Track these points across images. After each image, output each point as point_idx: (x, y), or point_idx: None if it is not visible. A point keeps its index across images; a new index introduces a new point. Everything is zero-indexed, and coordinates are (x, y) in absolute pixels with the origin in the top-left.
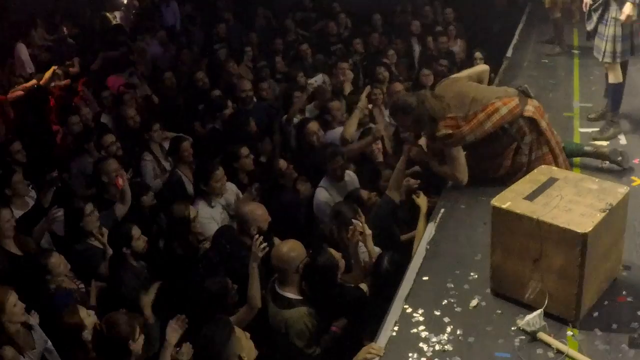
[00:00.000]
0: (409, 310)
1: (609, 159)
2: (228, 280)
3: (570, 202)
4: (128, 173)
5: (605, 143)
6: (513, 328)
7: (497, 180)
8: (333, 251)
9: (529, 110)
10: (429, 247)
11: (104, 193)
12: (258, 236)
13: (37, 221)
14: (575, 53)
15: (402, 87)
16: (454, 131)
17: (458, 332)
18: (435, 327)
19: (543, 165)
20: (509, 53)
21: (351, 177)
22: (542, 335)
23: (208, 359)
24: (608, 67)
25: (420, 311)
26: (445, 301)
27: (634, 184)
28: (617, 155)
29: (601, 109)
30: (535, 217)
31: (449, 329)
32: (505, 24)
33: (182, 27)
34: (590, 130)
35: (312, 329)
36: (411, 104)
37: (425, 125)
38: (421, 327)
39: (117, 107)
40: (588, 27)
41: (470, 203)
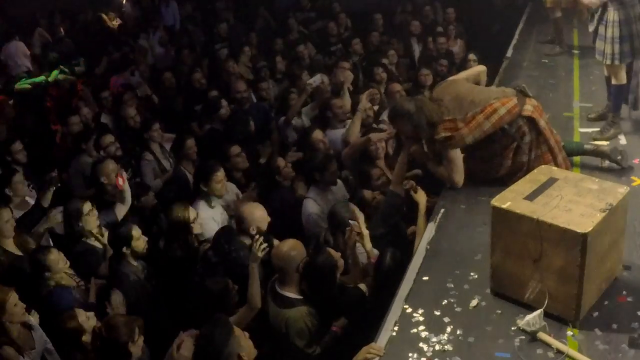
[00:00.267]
0: (409, 310)
1: (608, 157)
2: (228, 281)
3: (570, 202)
4: (128, 173)
5: (605, 143)
6: (513, 328)
7: (497, 180)
8: (332, 251)
9: (528, 109)
10: (429, 246)
11: (103, 194)
12: (258, 236)
13: (37, 221)
14: (575, 53)
15: (400, 87)
16: (453, 133)
17: (458, 332)
18: (435, 327)
19: (543, 165)
20: (509, 53)
21: (339, 185)
22: (542, 335)
23: (208, 358)
24: (611, 68)
25: (420, 311)
26: (445, 301)
27: (634, 184)
28: (617, 153)
29: (601, 109)
30: (535, 217)
31: (449, 329)
32: (505, 24)
33: (182, 27)
34: (590, 130)
35: (312, 328)
36: (409, 109)
37: (424, 130)
38: (421, 327)
39: (117, 107)
40: (590, 28)
41: (470, 203)
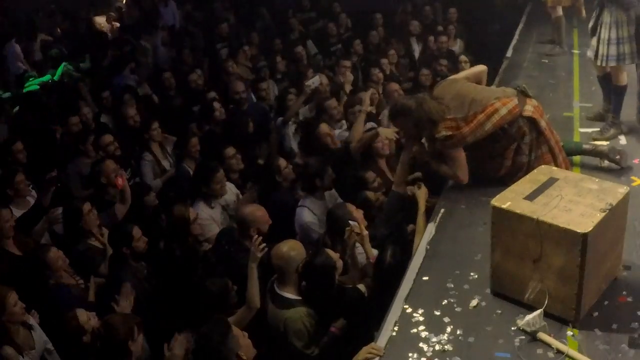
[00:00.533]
0: (409, 310)
1: (607, 157)
2: (228, 281)
3: (570, 202)
4: (127, 173)
5: (605, 143)
6: (513, 328)
7: (497, 180)
8: (330, 252)
9: (528, 110)
10: (429, 246)
11: (103, 194)
12: (257, 237)
13: (37, 221)
14: (575, 53)
15: (397, 87)
16: (454, 132)
17: (458, 332)
18: (435, 327)
19: (543, 165)
20: (509, 53)
21: (331, 193)
22: (542, 335)
23: (206, 358)
24: (612, 69)
25: (420, 311)
26: (445, 301)
27: (634, 184)
28: (615, 153)
29: (598, 110)
30: (535, 217)
31: (449, 329)
32: (505, 24)
33: (182, 27)
34: (590, 130)
35: (311, 329)
36: (410, 106)
37: (425, 127)
38: (421, 327)
39: (117, 107)
40: (590, 24)
41: (470, 203)
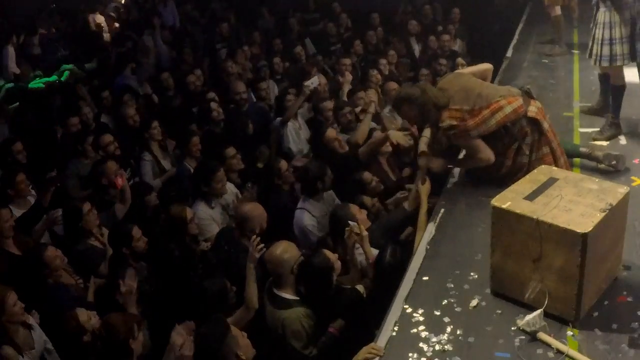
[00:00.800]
0: (409, 310)
1: (602, 163)
2: (226, 281)
3: (570, 202)
4: (127, 173)
5: (605, 143)
6: (513, 328)
7: (497, 180)
8: (328, 252)
9: (532, 110)
10: (429, 247)
11: (104, 195)
12: (255, 237)
13: (37, 221)
14: (575, 53)
15: (396, 86)
16: (458, 123)
17: (458, 332)
18: (435, 327)
19: (543, 165)
20: (509, 53)
21: (329, 194)
22: (542, 335)
23: (205, 358)
24: (610, 69)
25: (420, 311)
26: (445, 301)
27: (634, 184)
28: (610, 159)
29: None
30: (535, 217)
31: (449, 329)
32: (505, 24)
33: (182, 27)
34: (590, 130)
35: (309, 329)
36: (414, 93)
37: (430, 114)
38: (421, 327)
39: (117, 107)
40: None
41: (470, 203)
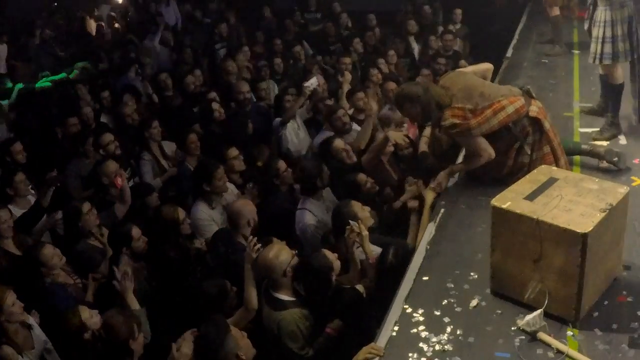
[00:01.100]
0: (409, 310)
1: (604, 159)
2: (225, 282)
3: (570, 202)
4: (127, 172)
5: (605, 143)
6: (513, 328)
7: (497, 180)
8: (328, 252)
9: (534, 110)
10: (429, 246)
11: (105, 195)
12: (252, 237)
13: (37, 221)
14: (575, 53)
15: (395, 86)
16: (461, 122)
17: (458, 332)
18: (435, 327)
19: (543, 165)
20: (509, 53)
21: (327, 191)
22: (542, 335)
23: (205, 358)
24: (607, 68)
25: (420, 311)
26: (445, 301)
27: (634, 184)
28: (612, 155)
29: (593, 105)
30: (535, 217)
31: (449, 329)
32: (505, 24)
33: (182, 27)
34: (590, 130)
35: (305, 330)
36: (417, 91)
37: (432, 113)
38: (421, 327)
39: (116, 107)
40: (585, 26)
41: (470, 203)
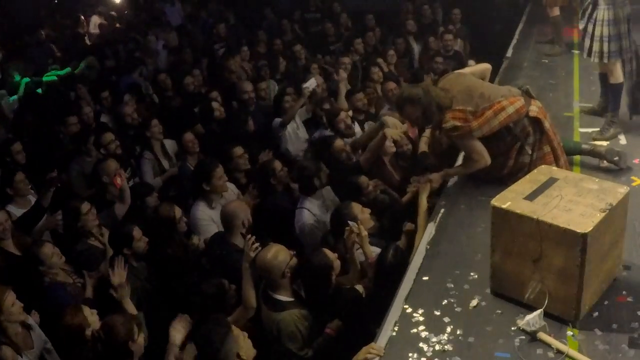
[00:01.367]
0: (409, 310)
1: (605, 158)
2: (224, 281)
3: (570, 202)
4: (127, 172)
5: (605, 143)
6: (513, 328)
7: (497, 180)
8: (328, 252)
9: (534, 110)
10: (429, 246)
11: (105, 193)
12: (250, 237)
13: (37, 221)
14: (575, 53)
15: (395, 86)
16: (462, 124)
17: (458, 332)
18: (435, 327)
19: (543, 165)
20: (509, 53)
21: (327, 190)
22: (542, 335)
23: (206, 358)
24: (606, 67)
25: (420, 311)
26: (445, 301)
27: (634, 184)
28: (613, 154)
29: (593, 105)
30: (535, 217)
31: (449, 329)
32: (505, 24)
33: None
34: (590, 130)
35: (304, 331)
36: (418, 94)
37: (433, 114)
38: (421, 327)
39: (116, 107)
40: (580, 26)
41: (470, 203)
